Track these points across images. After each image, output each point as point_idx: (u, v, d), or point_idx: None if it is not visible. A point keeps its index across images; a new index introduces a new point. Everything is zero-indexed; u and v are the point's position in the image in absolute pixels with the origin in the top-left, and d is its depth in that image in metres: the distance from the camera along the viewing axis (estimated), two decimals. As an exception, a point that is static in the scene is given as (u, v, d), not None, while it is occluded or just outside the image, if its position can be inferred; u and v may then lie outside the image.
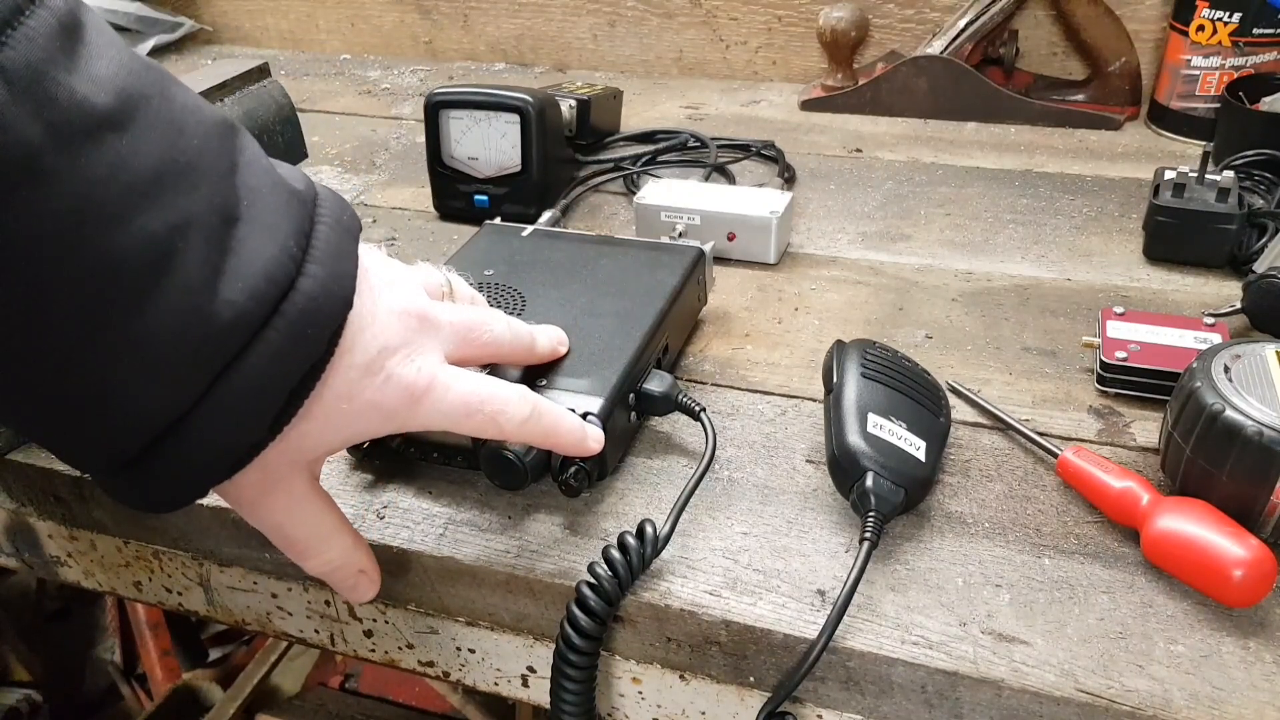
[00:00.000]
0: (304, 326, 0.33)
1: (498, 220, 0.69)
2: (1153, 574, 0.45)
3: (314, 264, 0.34)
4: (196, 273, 0.31)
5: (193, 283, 0.31)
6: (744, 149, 0.96)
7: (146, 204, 0.30)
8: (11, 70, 0.27)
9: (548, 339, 0.50)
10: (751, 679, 0.45)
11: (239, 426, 0.33)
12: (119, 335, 0.30)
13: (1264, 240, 0.68)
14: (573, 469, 0.48)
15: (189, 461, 0.33)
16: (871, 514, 0.45)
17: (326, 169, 0.97)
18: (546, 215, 0.73)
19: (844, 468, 0.47)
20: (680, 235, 0.73)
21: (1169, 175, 0.70)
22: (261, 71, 0.79)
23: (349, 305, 0.36)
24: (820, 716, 0.45)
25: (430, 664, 0.54)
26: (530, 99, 0.78)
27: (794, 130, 1.02)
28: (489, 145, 0.80)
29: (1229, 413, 0.44)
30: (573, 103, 0.91)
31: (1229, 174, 0.69)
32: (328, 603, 0.54)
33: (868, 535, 0.44)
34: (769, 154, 0.94)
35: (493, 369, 0.47)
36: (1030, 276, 0.71)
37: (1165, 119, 0.97)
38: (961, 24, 1.01)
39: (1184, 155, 0.92)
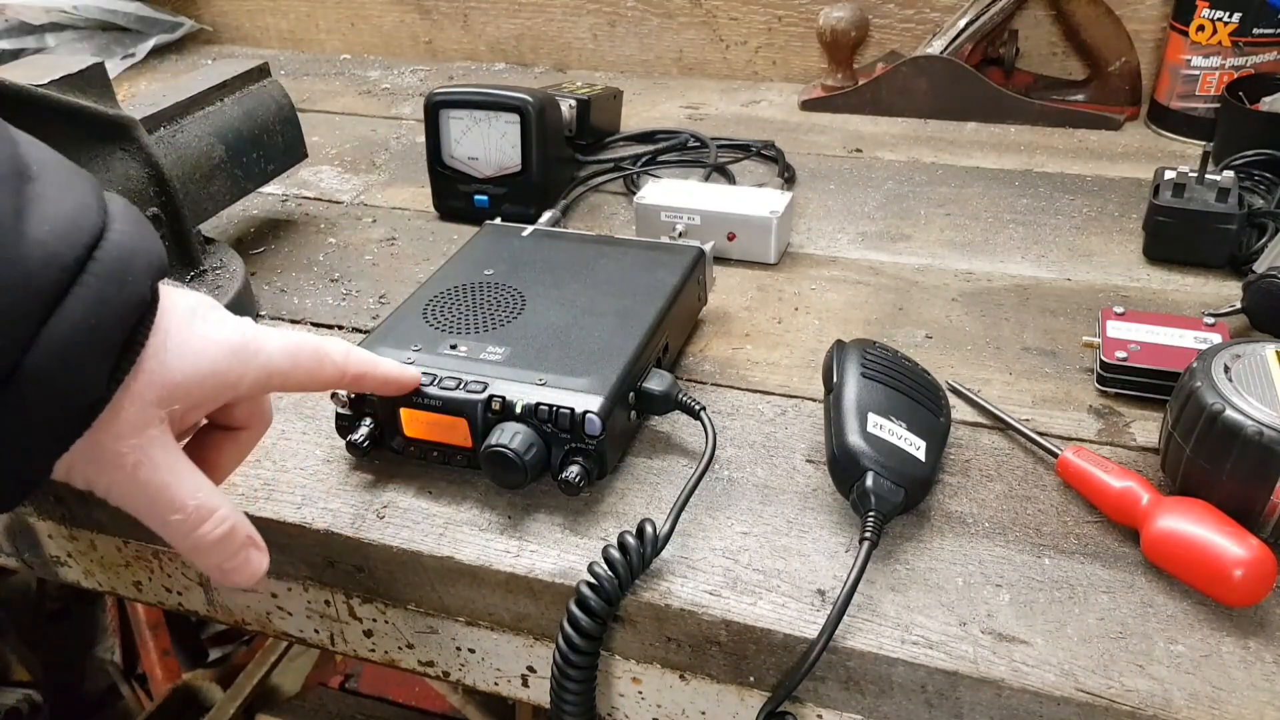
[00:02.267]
0: (123, 272, 0.34)
1: (498, 220, 0.69)
2: (1153, 574, 0.45)
3: (119, 222, 0.35)
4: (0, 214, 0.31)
5: None
6: (744, 149, 0.96)
7: None
8: None
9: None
10: (751, 679, 0.45)
11: (75, 372, 0.32)
12: None
13: (1264, 240, 0.68)
14: (573, 468, 0.48)
15: (32, 418, 0.32)
16: (871, 514, 0.45)
17: (326, 169, 0.97)
18: (546, 215, 0.73)
19: (844, 467, 0.47)
20: (680, 235, 0.73)
21: (1169, 175, 0.70)
22: (261, 71, 0.79)
23: (164, 259, 0.37)
24: (820, 716, 0.45)
25: (430, 664, 0.54)
26: (530, 99, 0.78)
27: (794, 130, 1.03)
28: (489, 145, 0.80)
29: (1229, 413, 0.44)
30: (573, 103, 0.91)
31: (1229, 174, 0.69)
32: (327, 603, 0.54)
33: (868, 535, 0.44)
34: (769, 154, 0.94)
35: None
36: (1030, 276, 0.71)
37: (1165, 119, 0.97)
38: (961, 24, 1.01)
39: (1184, 155, 0.92)
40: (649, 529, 0.45)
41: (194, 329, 0.38)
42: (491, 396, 0.49)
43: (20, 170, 0.33)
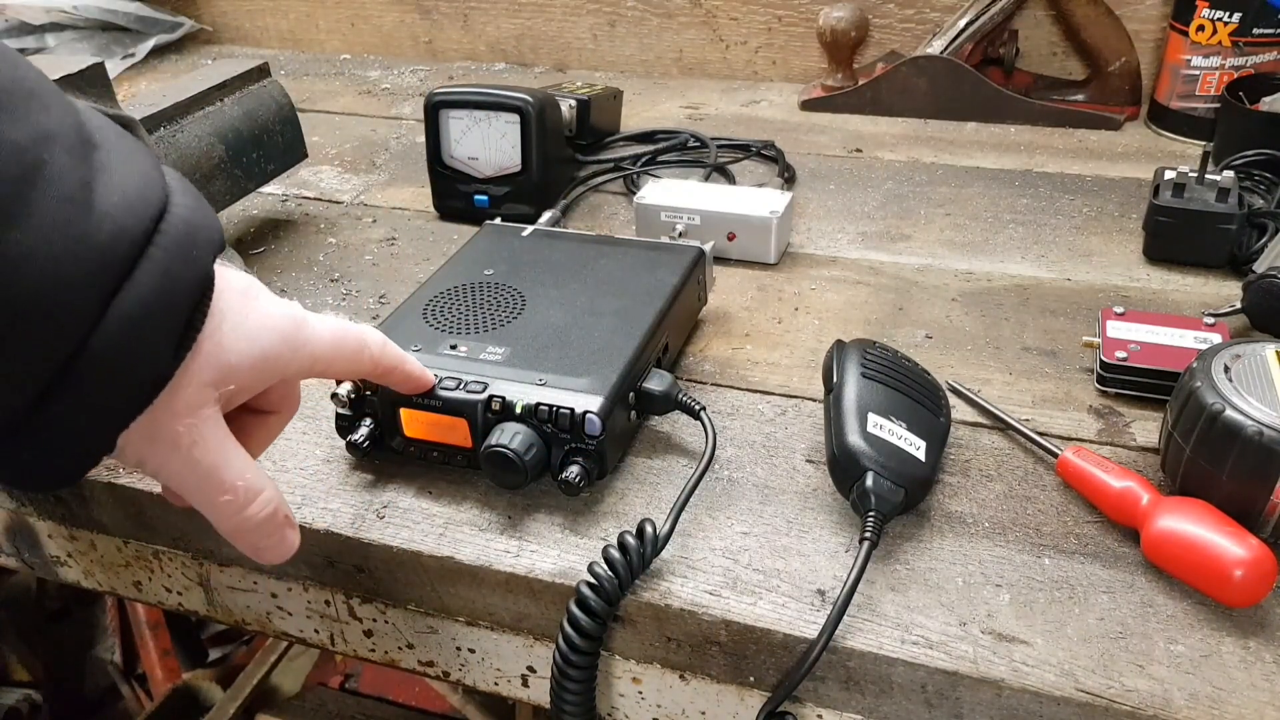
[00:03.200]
0: (188, 247, 0.33)
1: (498, 220, 0.69)
2: (1153, 574, 0.45)
3: (179, 195, 0.35)
4: (69, 182, 0.30)
5: (67, 192, 0.30)
6: (744, 149, 0.96)
7: (4, 116, 0.30)
8: None
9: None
10: (751, 679, 0.45)
11: (142, 348, 0.32)
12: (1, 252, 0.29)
13: (1264, 240, 0.68)
14: (573, 468, 0.48)
15: (97, 395, 0.32)
16: (871, 514, 0.45)
17: (326, 169, 0.97)
18: (546, 215, 0.73)
19: (844, 467, 0.47)
20: (680, 235, 0.73)
21: (1169, 175, 0.70)
22: (261, 71, 0.79)
23: (223, 235, 0.37)
24: (820, 716, 0.45)
25: (430, 664, 0.54)
26: (530, 99, 0.78)
27: (794, 130, 1.03)
28: (489, 145, 0.80)
29: (1229, 413, 0.44)
30: (573, 103, 0.91)
31: (1229, 174, 0.69)
32: (328, 603, 0.54)
33: (868, 535, 0.44)
34: (769, 154, 0.94)
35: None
36: (1030, 276, 0.71)
37: (1165, 119, 0.97)
38: (961, 24, 1.01)
39: (1184, 155, 0.92)
40: (649, 529, 0.45)
41: (249, 311, 0.38)
42: (491, 396, 0.49)
43: (86, 138, 0.32)
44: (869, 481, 0.46)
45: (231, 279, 0.38)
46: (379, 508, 0.51)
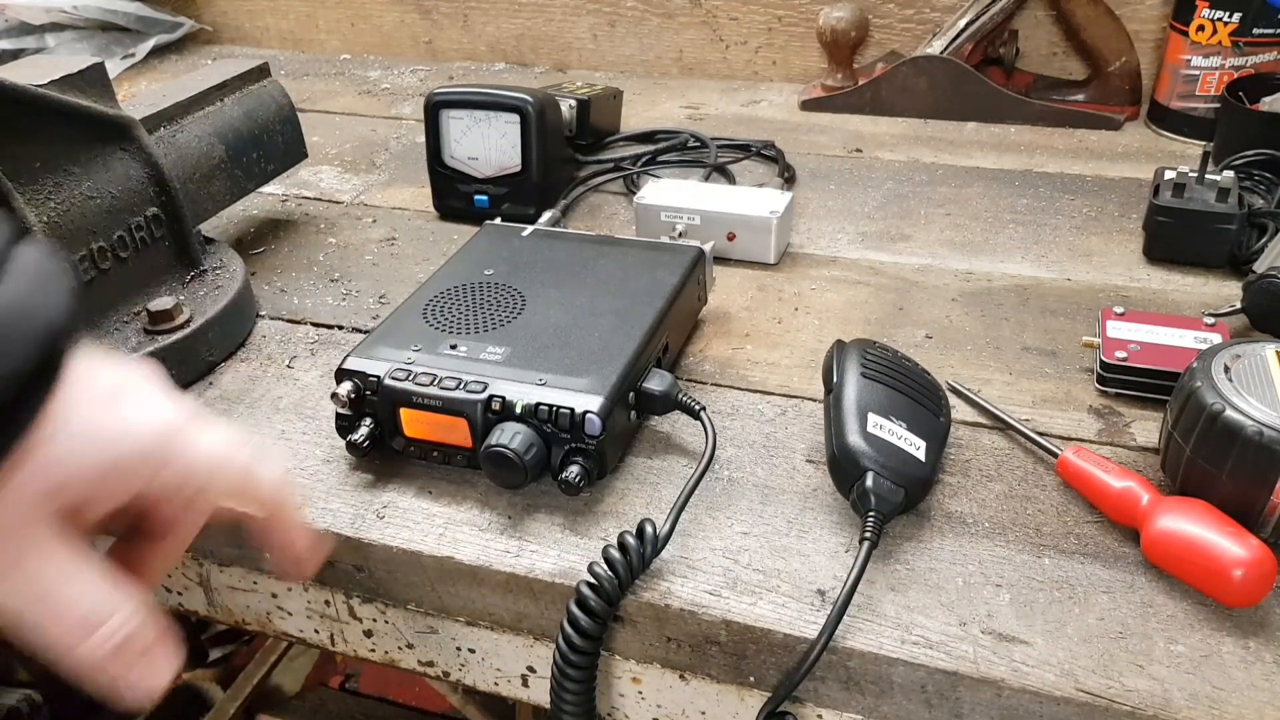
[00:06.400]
0: (4, 329, 0.28)
1: (498, 220, 0.69)
2: (1153, 574, 0.45)
3: (15, 277, 0.30)
4: None
5: None
6: (744, 149, 0.96)
7: None
8: None
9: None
10: (751, 679, 0.45)
11: None
12: None
13: (1264, 240, 0.68)
14: (573, 468, 0.48)
15: None
16: (871, 514, 0.45)
17: (326, 169, 0.97)
18: (546, 215, 0.73)
19: (844, 467, 0.47)
20: (680, 235, 0.73)
21: (1169, 175, 0.70)
22: (261, 71, 0.79)
23: (71, 320, 0.31)
24: (820, 716, 0.45)
25: (430, 664, 0.54)
26: (530, 99, 0.78)
27: (794, 130, 1.02)
28: (489, 145, 0.80)
29: (1229, 413, 0.44)
30: (573, 103, 0.91)
31: (1229, 174, 0.69)
32: (327, 603, 0.54)
33: (868, 535, 0.44)
34: (769, 154, 0.94)
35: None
36: (1030, 276, 0.71)
37: (1165, 119, 0.97)
38: (961, 24, 1.01)
39: (1184, 155, 0.92)
40: (649, 529, 0.45)
41: (109, 414, 0.32)
42: (491, 396, 0.49)
43: None
44: (869, 481, 0.46)
45: (100, 374, 0.33)
46: (379, 508, 0.51)
